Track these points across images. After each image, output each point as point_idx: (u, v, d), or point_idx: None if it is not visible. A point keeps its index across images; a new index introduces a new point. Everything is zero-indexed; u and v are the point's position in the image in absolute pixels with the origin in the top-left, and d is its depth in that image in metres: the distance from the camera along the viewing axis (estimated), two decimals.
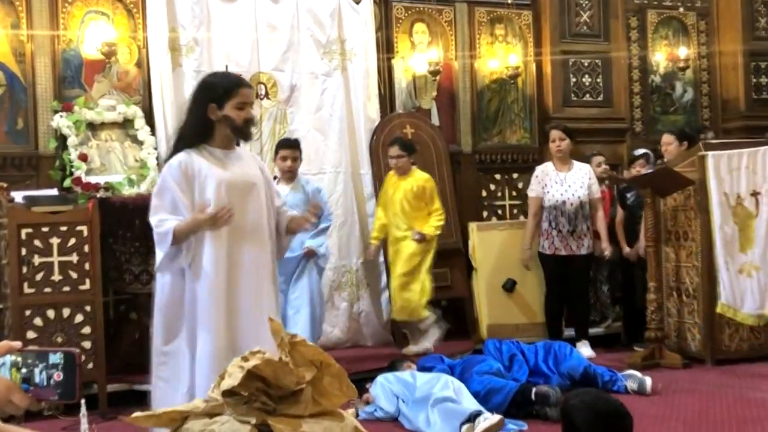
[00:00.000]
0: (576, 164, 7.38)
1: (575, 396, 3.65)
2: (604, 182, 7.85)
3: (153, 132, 7.02)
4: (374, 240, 7.30)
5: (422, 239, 7.01)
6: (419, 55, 8.26)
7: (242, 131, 3.85)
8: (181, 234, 3.69)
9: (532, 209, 7.36)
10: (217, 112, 3.76)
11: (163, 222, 3.72)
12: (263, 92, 7.53)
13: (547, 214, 7.26)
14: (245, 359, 2.83)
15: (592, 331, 7.64)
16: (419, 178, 7.13)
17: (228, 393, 2.77)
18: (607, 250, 7.25)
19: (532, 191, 7.37)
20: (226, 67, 7.31)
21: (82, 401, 3.96)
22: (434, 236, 7.10)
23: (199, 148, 3.80)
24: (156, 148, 6.96)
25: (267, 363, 2.76)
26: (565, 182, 7.24)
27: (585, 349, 7.09)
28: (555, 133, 7.37)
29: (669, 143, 7.52)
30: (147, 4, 7.16)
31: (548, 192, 7.25)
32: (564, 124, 7.61)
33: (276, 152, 6.66)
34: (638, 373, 5.91)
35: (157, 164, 6.86)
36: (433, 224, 7.08)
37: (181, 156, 3.76)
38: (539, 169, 7.43)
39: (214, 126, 3.79)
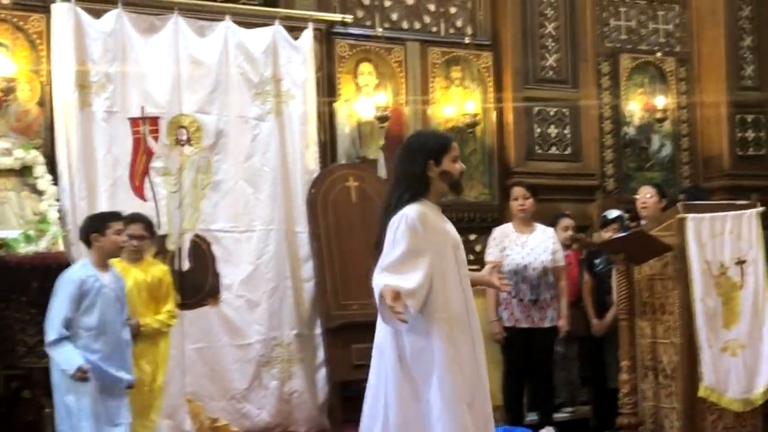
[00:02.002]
0: (539, 227, 7.48)
1: None
2: (571, 246, 7.95)
3: (55, 181, 6.97)
4: None
5: (136, 329, 6.13)
6: (365, 98, 8.36)
7: (458, 184, 4.53)
8: None
9: None
10: (435, 168, 4.39)
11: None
12: (185, 137, 7.53)
13: (506, 280, 7.31)
14: None
15: (558, 415, 7.67)
16: (157, 268, 6.52)
17: None
18: (564, 327, 7.35)
19: (490, 255, 7.43)
20: (143, 108, 7.34)
21: None
22: (156, 331, 6.33)
23: (422, 201, 4.38)
24: (58, 200, 6.91)
25: None
26: (527, 245, 7.32)
27: None
28: (518, 191, 7.46)
29: (650, 196, 7.61)
30: (52, 35, 7.17)
31: (508, 255, 7.31)
32: (527, 180, 7.72)
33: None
34: None
35: (59, 218, 6.81)
36: (160, 318, 6.35)
37: (417, 207, 4.32)
38: (497, 231, 7.50)
39: (431, 183, 4.41)
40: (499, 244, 7.38)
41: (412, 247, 4.20)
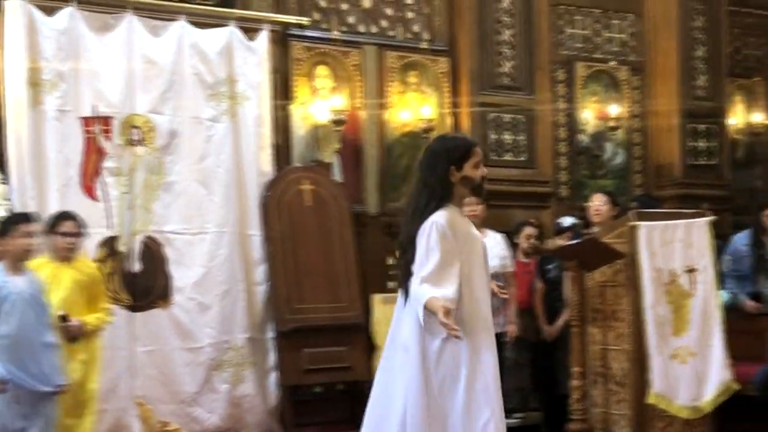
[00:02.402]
0: (489, 233, 7.51)
1: None
2: (532, 254, 8.01)
3: (5, 180, 6.91)
4: None
5: (78, 331, 6.12)
6: (321, 101, 8.34)
7: (481, 188, 4.57)
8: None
9: None
10: (456, 173, 4.43)
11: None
12: (137, 138, 7.48)
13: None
14: None
15: (508, 421, 7.66)
16: (88, 266, 6.49)
17: None
18: (512, 333, 7.43)
19: None
20: (95, 108, 7.28)
21: None
22: (95, 331, 6.32)
23: (448, 207, 4.43)
24: (9, 199, 6.84)
25: None
26: None
27: None
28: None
29: (602, 204, 7.68)
30: (4, 32, 7.10)
31: None
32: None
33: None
34: None
35: None
36: (99, 316, 6.34)
37: (445, 214, 4.38)
38: None
39: (454, 188, 4.46)
40: None
41: (445, 254, 4.28)
